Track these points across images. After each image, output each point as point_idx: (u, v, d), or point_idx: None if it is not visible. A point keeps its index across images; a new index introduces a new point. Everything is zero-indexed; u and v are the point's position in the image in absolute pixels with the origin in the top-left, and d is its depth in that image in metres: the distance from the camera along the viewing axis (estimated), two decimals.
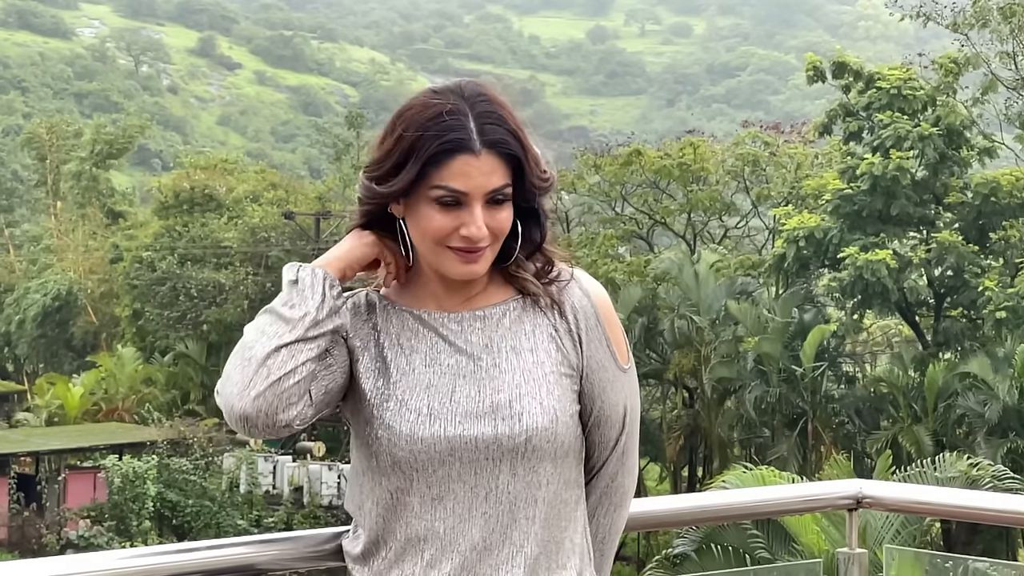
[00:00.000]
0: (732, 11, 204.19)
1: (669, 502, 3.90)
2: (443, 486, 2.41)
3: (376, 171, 2.46)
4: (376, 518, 2.47)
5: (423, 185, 2.41)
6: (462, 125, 2.40)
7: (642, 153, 40.17)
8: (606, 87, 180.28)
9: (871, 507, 3.71)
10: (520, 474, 2.43)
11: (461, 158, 2.39)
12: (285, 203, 47.67)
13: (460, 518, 2.41)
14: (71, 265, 55.84)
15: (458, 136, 2.39)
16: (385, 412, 2.44)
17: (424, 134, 2.39)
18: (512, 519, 2.42)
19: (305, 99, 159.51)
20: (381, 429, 2.43)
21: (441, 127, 2.39)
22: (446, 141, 2.39)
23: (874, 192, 31.25)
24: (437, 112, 2.41)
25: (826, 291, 32.83)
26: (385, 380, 2.47)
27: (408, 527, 2.43)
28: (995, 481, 19.89)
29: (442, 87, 2.47)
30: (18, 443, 38.84)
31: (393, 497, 2.44)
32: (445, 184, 2.40)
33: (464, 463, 2.41)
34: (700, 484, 35.68)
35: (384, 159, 2.44)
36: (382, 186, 2.44)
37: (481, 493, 2.42)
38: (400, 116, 2.44)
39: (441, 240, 2.43)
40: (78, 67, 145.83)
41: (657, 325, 36.12)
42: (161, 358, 46.81)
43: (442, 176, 2.40)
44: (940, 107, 32.03)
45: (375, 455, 2.44)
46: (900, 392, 30.90)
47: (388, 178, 2.43)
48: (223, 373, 2.43)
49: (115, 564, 2.69)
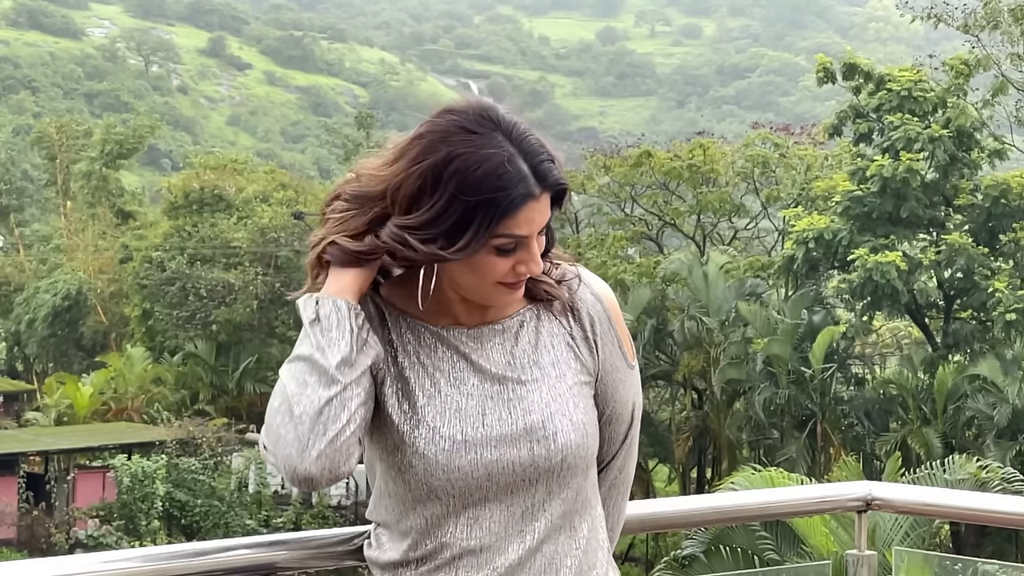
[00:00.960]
0: (742, 12, 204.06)
1: (678, 503, 3.90)
2: (479, 508, 2.39)
3: (429, 232, 2.32)
4: (407, 535, 2.43)
5: (487, 238, 2.33)
6: (521, 174, 2.32)
7: (652, 154, 40.17)
8: (616, 88, 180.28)
9: (880, 509, 3.71)
10: (555, 491, 2.42)
11: (526, 207, 2.33)
12: (294, 203, 47.70)
13: (497, 537, 2.39)
14: (81, 265, 55.91)
15: (523, 190, 2.31)
16: (417, 439, 2.38)
17: (491, 198, 2.30)
18: (547, 535, 2.42)
19: (315, 99, 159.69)
20: (415, 458, 2.38)
21: (503, 182, 2.30)
22: (514, 199, 2.31)
23: (884, 194, 31.21)
24: (493, 169, 2.31)
25: (835, 293, 32.80)
26: (410, 403, 2.41)
27: (443, 547, 2.40)
28: (1004, 483, 19.87)
29: (473, 120, 2.36)
30: (27, 442, 38.91)
31: (427, 521, 2.40)
32: (510, 233, 2.32)
33: (500, 486, 2.38)
34: (709, 485, 35.65)
35: (438, 220, 2.31)
36: (448, 251, 2.31)
37: (517, 513, 2.40)
38: (448, 171, 2.31)
39: (497, 279, 2.38)
40: (88, 67, 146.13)
41: (666, 326, 36.09)
42: (170, 358, 46.85)
43: (508, 226, 2.32)
44: (950, 109, 31.98)
45: (408, 483, 2.39)
46: (909, 394, 30.87)
47: (450, 240, 2.31)
48: (270, 431, 2.33)
49: (125, 564, 2.68)
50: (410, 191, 2.33)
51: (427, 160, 2.32)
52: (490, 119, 2.35)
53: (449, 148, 2.31)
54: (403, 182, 2.34)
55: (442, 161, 2.31)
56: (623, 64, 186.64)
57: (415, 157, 2.33)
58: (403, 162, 2.35)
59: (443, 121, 2.36)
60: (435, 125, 2.36)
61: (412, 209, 2.33)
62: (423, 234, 2.32)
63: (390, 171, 2.37)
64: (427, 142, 2.34)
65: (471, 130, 2.33)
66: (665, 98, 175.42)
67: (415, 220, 2.32)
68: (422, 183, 2.32)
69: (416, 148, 2.35)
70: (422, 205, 2.32)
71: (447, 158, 2.31)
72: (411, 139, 2.37)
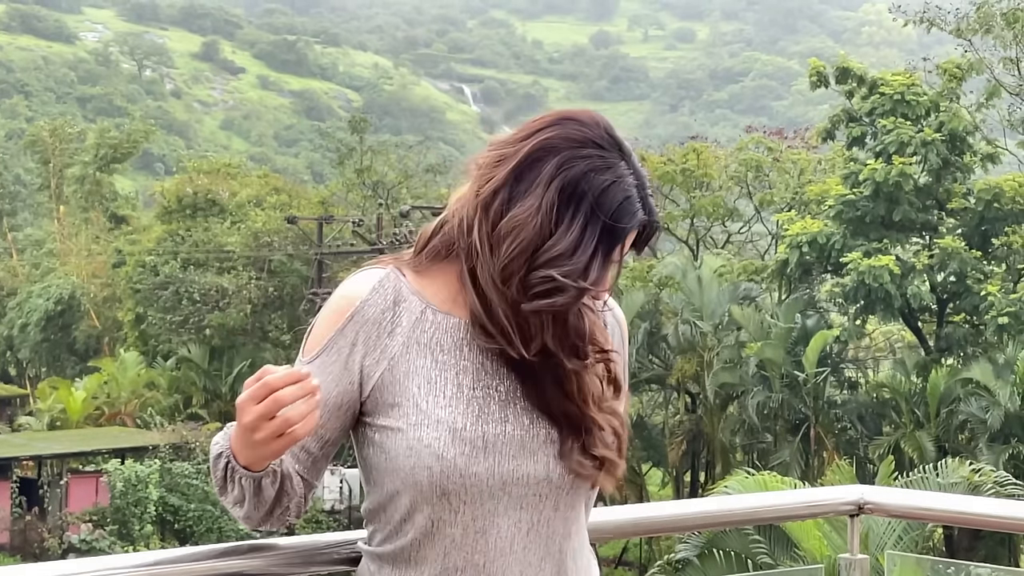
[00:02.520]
0: (735, 17, 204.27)
1: (671, 507, 3.91)
2: (488, 520, 2.31)
3: (571, 262, 2.24)
4: (410, 540, 2.35)
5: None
6: (644, 201, 2.30)
7: (645, 158, 40.18)
8: (609, 92, 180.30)
9: (873, 513, 3.71)
10: (561, 509, 2.38)
11: (630, 236, 2.31)
12: (288, 207, 47.66)
13: (501, 552, 2.33)
14: (74, 269, 55.85)
15: (638, 220, 2.29)
16: (434, 440, 2.29)
17: (617, 226, 2.27)
18: (548, 552, 2.37)
19: (308, 103, 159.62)
20: (430, 459, 2.28)
21: (629, 207, 2.27)
22: (631, 227, 2.29)
23: (877, 198, 31.25)
24: (624, 195, 2.27)
25: (829, 296, 32.82)
26: (430, 397, 2.33)
27: (446, 556, 2.33)
28: (997, 487, 19.92)
29: (603, 138, 2.30)
30: (20, 447, 38.88)
31: (434, 525, 2.32)
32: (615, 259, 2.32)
33: (512, 498, 2.32)
34: (702, 489, 35.67)
35: (579, 246, 2.25)
36: (587, 279, 2.25)
37: (524, 528, 2.34)
38: (579, 190, 2.26)
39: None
40: (81, 71, 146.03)
41: (660, 330, 36.10)
42: (163, 362, 46.81)
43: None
44: (943, 113, 32.03)
45: (418, 483, 2.30)
46: (902, 398, 30.89)
47: (588, 267, 2.26)
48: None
49: (120, 569, 2.67)
50: (544, 219, 2.24)
51: (561, 174, 2.27)
52: (614, 139, 2.31)
53: (587, 164, 2.27)
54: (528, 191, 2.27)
55: (574, 177, 2.26)
56: (616, 68, 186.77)
57: (544, 171, 2.27)
58: (525, 168, 2.29)
59: (572, 131, 2.30)
60: (562, 133, 2.30)
61: (546, 228, 2.25)
62: (565, 266, 2.24)
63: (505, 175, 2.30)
64: (559, 155, 2.28)
65: (602, 146, 2.30)
66: (658, 102, 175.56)
67: (560, 252, 2.24)
68: (558, 203, 2.25)
69: (542, 156, 2.29)
70: (560, 223, 2.25)
71: (578, 173, 2.26)
72: (533, 147, 2.30)
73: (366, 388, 2.35)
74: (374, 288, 2.37)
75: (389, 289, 2.37)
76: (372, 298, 2.36)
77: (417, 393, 2.32)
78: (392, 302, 2.36)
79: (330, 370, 2.34)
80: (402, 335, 2.35)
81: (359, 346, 2.35)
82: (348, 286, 2.39)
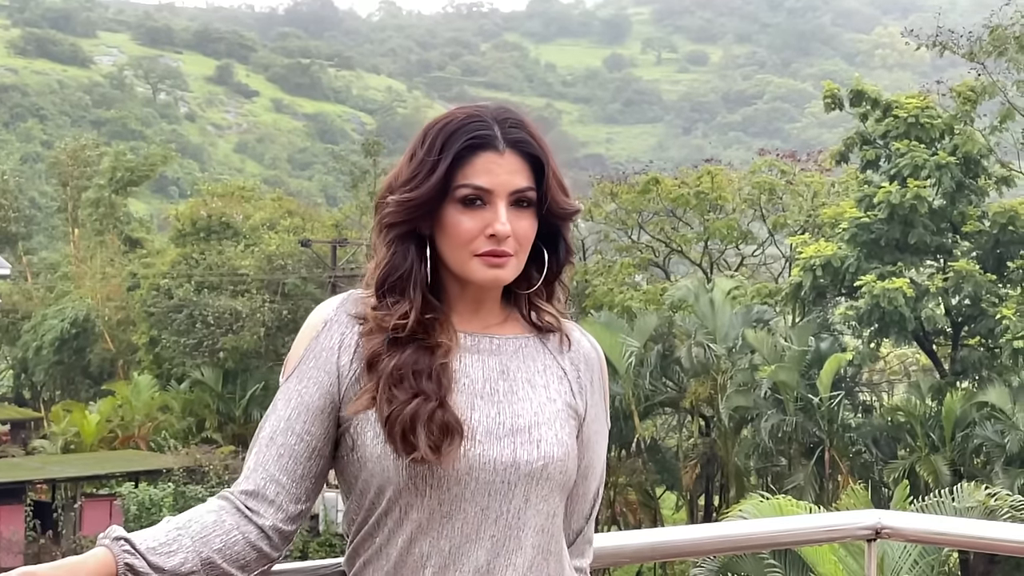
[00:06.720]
0: (748, 39, 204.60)
1: (686, 532, 3.89)
2: (454, 504, 2.36)
3: (409, 184, 2.44)
4: (378, 527, 2.40)
5: (451, 189, 2.42)
6: (486, 126, 2.44)
7: (659, 181, 40.22)
8: (623, 115, 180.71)
9: (890, 537, 3.69)
10: (532, 501, 2.40)
11: (485, 155, 2.42)
12: (302, 231, 47.77)
13: (467, 538, 2.36)
14: (88, 292, 55.93)
15: (482, 133, 2.43)
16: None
17: (451, 135, 2.42)
18: (518, 545, 2.39)
19: (322, 127, 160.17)
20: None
21: (466, 128, 2.43)
22: (472, 138, 2.41)
23: (891, 221, 31.20)
24: (460, 123, 2.45)
25: (843, 320, 32.73)
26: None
27: (413, 542, 2.37)
28: (1013, 511, 19.81)
29: (466, 104, 2.51)
30: (34, 470, 38.90)
31: (401, 511, 2.37)
32: (470, 182, 2.41)
33: (479, 483, 2.36)
34: (717, 513, 35.57)
35: (417, 169, 2.44)
36: (417, 191, 2.42)
37: (491, 516, 2.37)
38: (427, 129, 2.47)
39: (469, 244, 2.41)
40: (96, 95, 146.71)
41: (673, 353, 36.05)
42: (177, 385, 46.86)
43: (467, 175, 2.41)
44: (957, 136, 31.98)
45: (385, 469, 2.36)
46: (917, 421, 30.79)
47: (420, 185, 2.43)
48: None
49: None
50: (403, 163, 2.49)
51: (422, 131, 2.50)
52: (481, 103, 2.52)
53: (436, 117, 2.49)
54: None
55: (427, 125, 2.49)
56: (629, 91, 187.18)
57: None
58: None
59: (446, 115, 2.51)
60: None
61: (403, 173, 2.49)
62: (405, 188, 2.45)
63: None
64: (427, 123, 2.52)
65: (459, 107, 2.50)
66: (672, 125, 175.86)
67: (403, 179, 2.47)
68: (412, 148, 2.49)
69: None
70: (408, 165, 2.48)
71: (431, 122, 2.49)
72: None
73: (343, 384, 2.43)
74: (343, 300, 2.51)
75: (359, 300, 2.50)
76: (343, 306, 2.49)
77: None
78: (364, 309, 2.49)
79: (310, 375, 2.44)
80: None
81: (335, 347, 2.45)
82: (318, 310, 2.53)
